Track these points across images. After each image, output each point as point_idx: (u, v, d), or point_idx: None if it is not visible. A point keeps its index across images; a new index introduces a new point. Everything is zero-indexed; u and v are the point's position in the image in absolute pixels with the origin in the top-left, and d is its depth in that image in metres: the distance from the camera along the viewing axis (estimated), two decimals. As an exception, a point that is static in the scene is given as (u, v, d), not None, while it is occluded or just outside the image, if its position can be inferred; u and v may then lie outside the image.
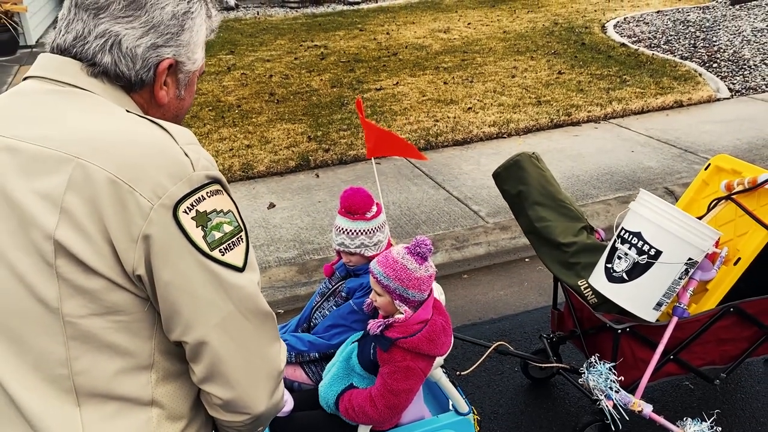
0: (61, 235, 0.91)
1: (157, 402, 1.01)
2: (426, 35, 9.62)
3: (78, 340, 0.95)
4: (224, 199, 1.01)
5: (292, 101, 6.86)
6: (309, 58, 8.58)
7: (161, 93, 1.10)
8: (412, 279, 1.85)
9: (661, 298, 2.28)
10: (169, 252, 0.94)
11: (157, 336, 1.00)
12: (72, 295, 0.93)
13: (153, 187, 0.93)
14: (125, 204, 0.92)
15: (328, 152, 5.46)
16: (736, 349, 2.53)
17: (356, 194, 2.21)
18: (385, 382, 1.88)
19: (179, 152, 0.97)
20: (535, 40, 8.96)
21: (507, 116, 6.04)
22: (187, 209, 0.95)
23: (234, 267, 0.99)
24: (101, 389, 0.97)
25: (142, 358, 0.99)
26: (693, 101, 6.33)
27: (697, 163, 4.97)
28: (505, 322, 3.43)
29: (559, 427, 2.70)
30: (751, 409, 2.73)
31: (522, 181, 2.69)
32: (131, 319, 0.97)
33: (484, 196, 4.60)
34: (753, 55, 7.67)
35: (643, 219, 2.28)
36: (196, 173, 0.97)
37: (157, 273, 0.95)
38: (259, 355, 1.03)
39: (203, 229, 0.96)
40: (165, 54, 1.07)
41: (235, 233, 1.00)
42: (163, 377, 1.01)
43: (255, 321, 1.01)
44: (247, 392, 1.03)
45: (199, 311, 0.97)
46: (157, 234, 0.93)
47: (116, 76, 1.05)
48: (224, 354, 0.99)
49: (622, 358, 2.38)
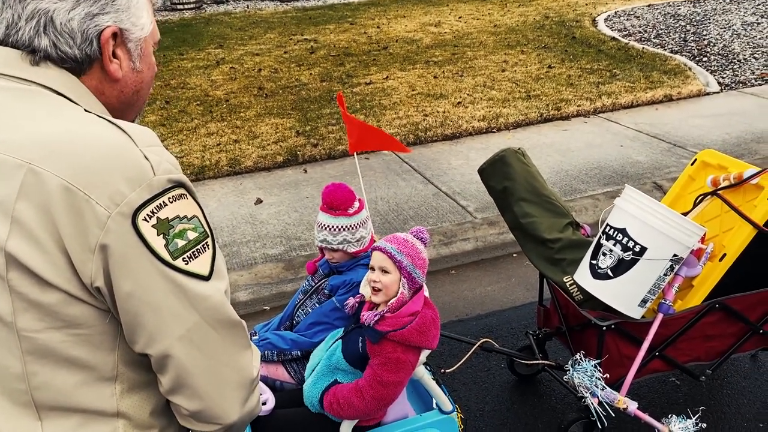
0: (13, 247, 0.86)
1: (123, 413, 0.97)
2: (417, 29, 9.58)
3: (35, 355, 0.90)
4: (188, 204, 0.95)
5: (281, 95, 6.81)
6: (299, 52, 8.53)
7: (112, 67, 1.03)
8: (420, 259, 1.93)
9: (646, 294, 2.27)
10: (128, 262, 0.89)
11: (120, 347, 0.95)
12: (26, 309, 0.89)
13: (110, 194, 0.88)
14: (81, 212, 0.87)
15: (316, 147, 5.42)
16: (722, 345, 2.52)
17: (337, 190, 2.19)
18: (374, 373, 1.88)
19: (138, 155, 0.91)
20: (526, 34, 8.93)
21: (496, 111, 6.02)
22: (147, 216, 0.90)
23: (199, 276, 0.94)
24: (62, 403, 0.93)
25: (105, 370, 0.95)
26: (683, 95, 6.33)
27: (686, 157, 4.97)
28: (492, 318, 3.41)
29: (545, 424, 2.68)
30: (737, 405, 2.73)
31: (507, 176, 2.67)
32: (92, 332, 0.92)
33: (473, 191, 4.57)
34: (743, 49, 7.67)
35: (628, 215, 2.26)
36: (156, 177, 0.91)
37: (117, 284, 0.90)
38: (229, 366, 1.00)
39: (165, 237, 0.91)
40: (104, 22, 1.00)
41: (200, 240, 0.95)
42: (129, 388, 0.97)
43: (222, 331, 0.98)
44: (217, 403, 0.99)
45: (163, 323, 0.93)
46: (116, 244, 0.88)
47: (60, 59, 0.99)
48: (190, 366, 0.95)
49: (607, 355, 2.37)
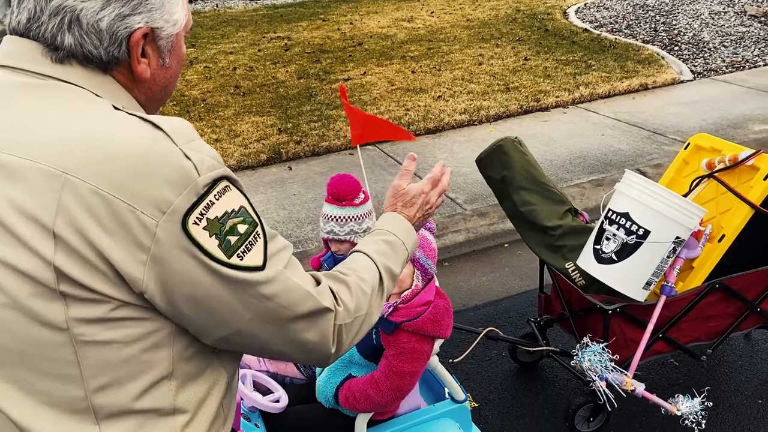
0: (60, 262, 0.83)
1: (179, 408, 0.95)
2: (390, 25, 9.57)
3: (91, 359, 0.87)
4: (234, 196, 0.91)
5: (259, 93, 6.75)
6: (273, 50, 8.45)
7: (140, 68, 0.97)
8: (431, 249, 1.93)
9: (650, 277, 2.30)
10: (185, 268, 0.86)
11: (175, 344, 0.93)
12: (80, 316, 0.85)
13: (155, 202, 0.83)
14: (126, 224, 0.83)
15: (299, 144, 5.38)
16: (721, 324, 2.57)
17: (344, 180, 2.18)
18: (390, 364, 1.88)
19: (179, 156, 0.86)
20: (499, 27, 8.99)
21: (477, 104, 6.05)
22: (196, 220, 0.85)
23: (255, 268, 0.91)
24: (122, 405, 0.91)
25: (162, 368, 0.92)
26: (658, 84, 6.43)
27: (666, 144, 5.05)
28: (489, 308, 3.43)
29: (550, 410, 2.71)
30: (735, 383, 2.78)
31: (506, 166, 2.68)
32: (146, 333, 0.90)
33: (460, 183, 4.59)
34: (712, 37, 7.83)
35: (631, 199, 2.28)
36: (201, 178, 0.86)
37: (174, 290, 0.87)
38: (301, 325, 0.98)
39: (217, 237, 0.87)
40: (135, 23, 0.93)
41: (251, 231, 0.92)
42: (183, 382, 0.95)
43: (288, 305, 0.96)
44: (303, 357, 1.02)
45: (228, 317, 0.91)
46: (169, 253, 0.85)
47: (86, 58, 0.93)
48: (266, 338, 0.96)
49: (613, 339, 2.40)
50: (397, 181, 1.36)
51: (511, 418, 2.68)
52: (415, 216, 1.34)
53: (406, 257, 1.26)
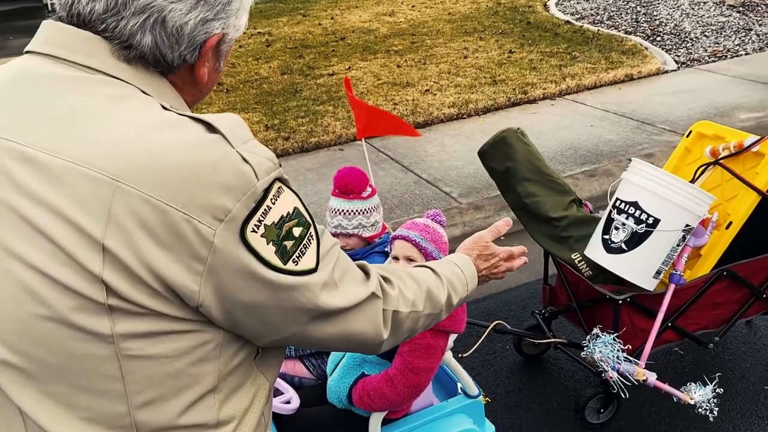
0: (109, 277, 0.77)
1: (222, 422, 0.89)
2: (371, 19, 9.51)
3: (137, 374, 0.81)
4: (288, 197, 0.85)
5: (243, 90, 6.65)
6: (254, 46, 8.35)
7: (203, 71, 0.93)
8: (443, 243, 1.89)
9: (660, 266, 2.28)
10: (242, 278, 0.81)
11: (222, 357, 0.88)
12: (126, 330, 0.80)
13: (212, 210, 0.78)
14: (180, 234, 0.77)
15: (288, 141, 5.31)
16: (728, 311, 2.56)
17: (351, 173, 2.15)
18: (405, 360, 1.83)
19: (236, 159, 0.80)
20: (481, 20, 8.97)
21: (465, 97, 6.02)
22: (255, 227, 0.80)
23: (309, 271, 0.87)
24: (164, 422, 0.85)
25: (207, 381, 0.86)
26: (643, 74, 6.46)
27: (655, 134, 5.07)
28: (490, 301, 3.40)
29: (558, 402, 2.69)
30: (740, 370, 2.79)
31: (509, 157, 2.64)
32: (193, 345, 0.84)
33: (454, 177, 4.55)
34: (693, 27, 7.89)
35: (639, 188, 2.26)
36: (260, 182, 0.81)
37: (231, 300, 0.83)
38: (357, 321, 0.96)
39: (275, 244, 0.82)
40: (214, 29, 0.89)
41: (305, 234, 0.87)
42: (227, 395, 0.90)
43: (341, 302, 0.93)
44: (361, 347, 1.00)
45: (286, 320, 0.88)
46: (226, 263, 0.80)
47: (155, 61, 0.87)
48: (321, 337, 0.93)
49: (624, 329, 2.38)
50: (484, 233, 1.41)
51: (520, 411, 2.65)
52: (482, 271, 1.35)
53: (463, 298, 1.26)
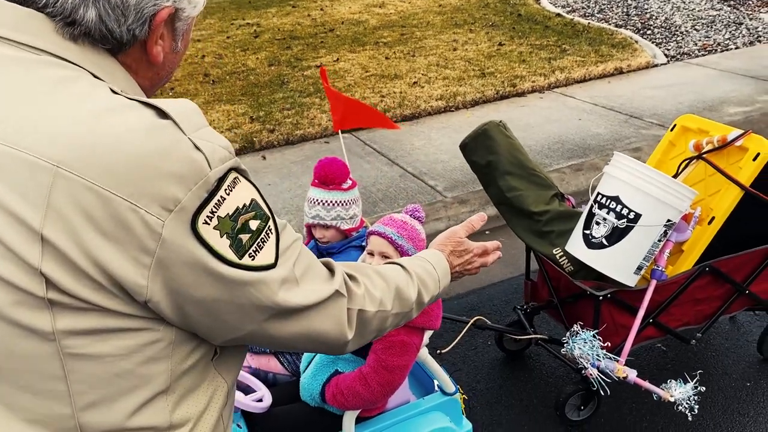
0: (48, 270, 0.72)
1: (176, 424, 0.85)
2: (361, 10, 9.42)
3: (81, 373, 0.77)
4: (245, 188, 0.81)
5: (229, 81, 6.57)
6: (242, 37, 8.26)
7: (156, 50, 0.88)
8: (420, 240, 1.85)
9: (641, 261, 2.25)
10: (193, 272, 0.77)
11: (174, 356, 0.83)
12: (68, 325, 0.75)
13: (161, 200, 0.74)
14: (126, 225, 0.73)
15: (273, 133, 5.24)
16: (710, 308, 2.53)
17: (332, 164, 2.11)
18: (378, 358, 1.79)
19: (188, 147, 0.76)
20: (472, 12, 8.91)
21: (453, 89, 5.96)
22: (207, 219, 0.76)
23: (267, 267, 0.82)
24: (111, 424, 0.80)
25: (159, 383, 0.82)
26: (632, 68, 6.42)
27: (643, 128, 5.03)
28: (473, 296, 3.36)
29: (539, 399, 2.65)
30: (722, 366, 2.76)
31: (491, 150, 2.60)
32: (142, 344, 0.79)
33: (439, 170, 4.51)
34: (684, 21, 7.86)
35: (621, 182, 2.22)
36: (213, 171, 0.77)
37: (183, 295, 0.78)
38: (318, 318, 0.92)
39: (229, 237, 0.78)
40: (163, 2, 0.85)
41: (263, 227, 0.82)
42: (181, 396, 0.85)
43: (302, 300, 0.88)
44: (323, 347, 0.95)
45: (241, 319, 0.83)
46: (176, 256, 0.75)
47: (102, 37, 0.82)
48: (282, 335, 0.88)
49: (604, 325, 2.34)
50: (457, 228, 1.34)
51: (500, 408, 2.62)
52: (455, 267, 1.30)
53: (435, 295, 1.21)
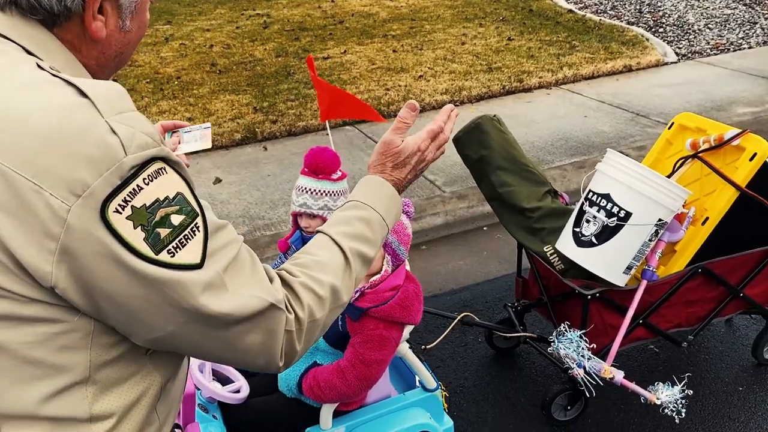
0: None
1: (98, 416, 0.81)
2: (372, 3, 9.37)
3: None
4: (170, 181, 0.76)
5: (235, 72, 6.56)
6: (251, 27, 8.24)
7: (95, 25, 0.84)
8: (405, 235, 1.84)
9: (631, 261, 2.20)
10: (103, 264, 0.73)
11: (93, 346, 0.79)
12: None
13: (68, 183, 0.70)
14: (30, 208, 0.69)
15: (275, 124, 5.22)
16: (703, 310, 2.48)
17: (323, 152, 2.10)
18: (356, 352, 1.77)
19: (103, 129, 0.72)
20: (483, 7, 8.83)
21: (459, 84, 5.92)
22: (119, 207, 0.72)
23: (189, 266, 0.77)
24: (26, 410, 0.77)
25: (77, 372, 0.78)
26: (642, 66, 6.34)
27: (649, 126, 4.96)
28: (467, 292, 3.33)
29: (527, 397, 2.62)
30: (715, 370, 2.71)
31: (484, 145, 2.56)
32: (57, 331, 0.76)
33: (440, 165, 4.47)
34: (697, 19, 7.75)
35: (612, 180, 2.18)
36: (128, 158, 0.72)
37: (91, 287, 0.74)
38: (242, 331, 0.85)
39: (144, 229, 0.73)
40: None
41: (188, 223, 0.77)
42: (104, 388, 0.82)
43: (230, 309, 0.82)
44: (249, 364, 0.88)
45: (156, 320, 0.78)
46: (83, 244, 0.71)
47: (31, 7, 0.79)
48: (206, 344, 0.83)
49: (592, 325, 2.30)
50: (389, 135, 1.11)
51: (487, 406, 2.59)
52: (406, 178, 1.13)
53: (385, 234, 1.09)
